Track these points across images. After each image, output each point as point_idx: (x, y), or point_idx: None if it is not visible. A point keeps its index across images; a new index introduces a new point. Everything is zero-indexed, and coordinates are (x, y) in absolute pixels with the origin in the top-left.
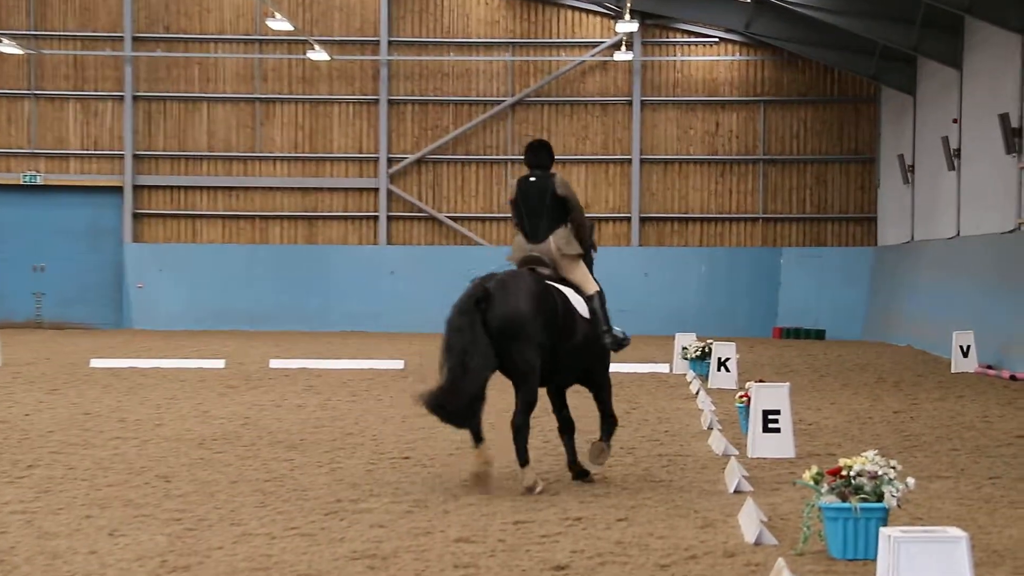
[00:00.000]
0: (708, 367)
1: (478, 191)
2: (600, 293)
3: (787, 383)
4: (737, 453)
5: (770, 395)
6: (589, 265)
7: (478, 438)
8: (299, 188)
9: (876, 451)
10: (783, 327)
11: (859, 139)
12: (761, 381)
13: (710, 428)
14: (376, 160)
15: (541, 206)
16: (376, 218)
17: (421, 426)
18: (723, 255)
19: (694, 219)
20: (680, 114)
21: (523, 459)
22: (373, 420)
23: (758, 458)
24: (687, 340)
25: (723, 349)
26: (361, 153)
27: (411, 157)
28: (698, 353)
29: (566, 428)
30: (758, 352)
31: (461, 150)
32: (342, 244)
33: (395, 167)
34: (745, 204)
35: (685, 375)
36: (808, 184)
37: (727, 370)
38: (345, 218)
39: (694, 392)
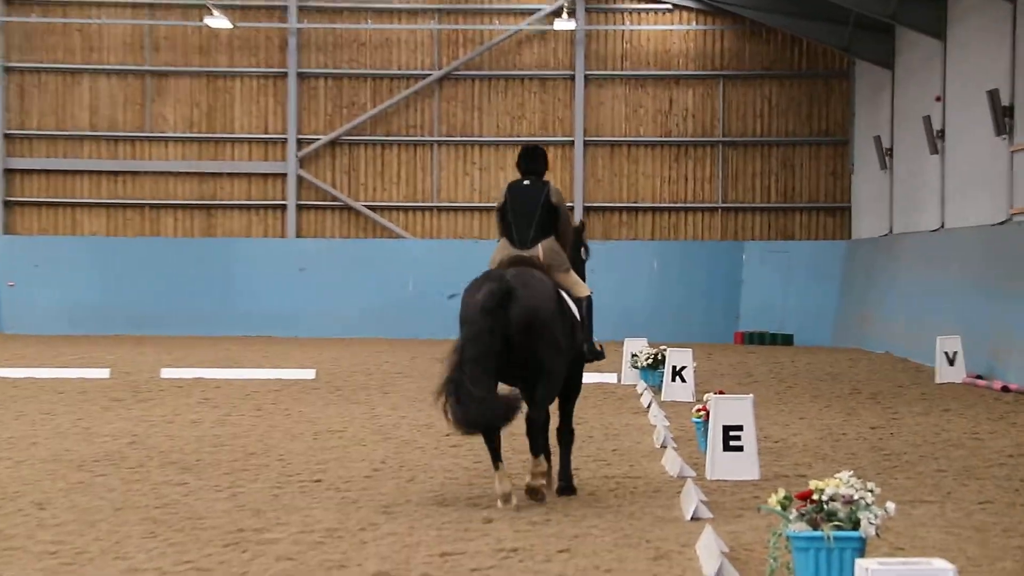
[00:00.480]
0: (661, 377)
1: (400, 177)
2: (589, 298)
3: (750, 395)
4: (695, 475)
5: (731, 409)
6: (581, 270)
7: (499, 457)
8: (195, 173)
9: (851, 472)
10: (745, 331)
11: (830, 119)
12: (721, 393)
13: (664, 446)
14: (284, 142)
15: (532, 213)
16: (284, 207)
17: (335, 445)
18: (677, 250)
19: (644, 209)
20: (629, 90)
21: (538, 450)
22: (280, 438)
23: (718, 480)
24: (637, 346)
25: (678, 356)
26: (266, 133)
27: (323, 138)
28: (649, 361)
29: (563, 438)
30: (717, 360)
31: (381, 130)
32: (245, 237)
33: (305, 149)
34: (702, 192)
35: (635, 386)
36: (773, 170)
37: (683, 380)
38: (248, 207)
39: (645, 405)
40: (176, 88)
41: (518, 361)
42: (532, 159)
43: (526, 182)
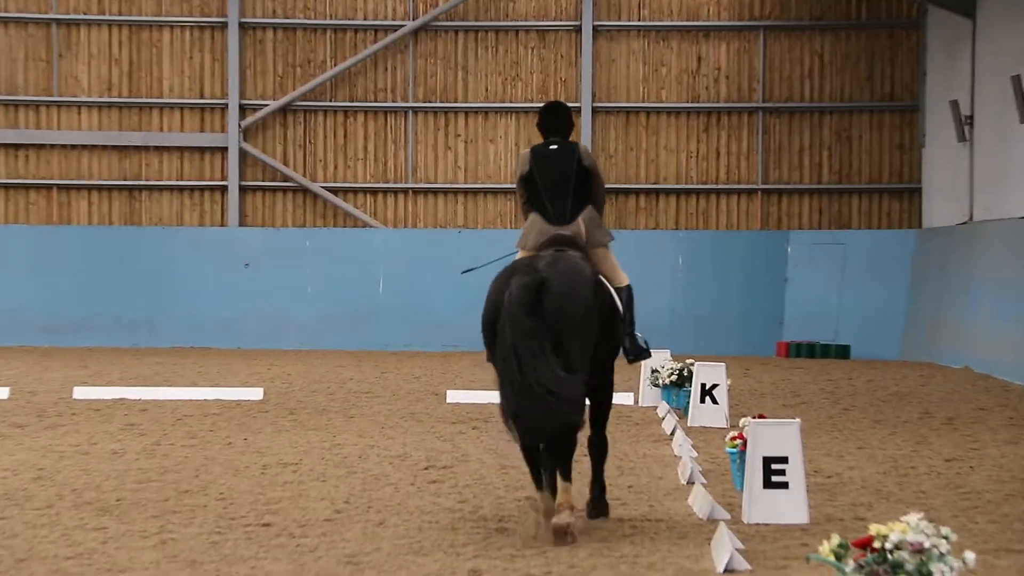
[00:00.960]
0: (688, 397)
1: (367, 152)
2: (629, 288)
3: (797, 420)
4: (729, 517)
5: (774, 436)
6: None
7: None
8: (114, 147)
9: (921, 515)
10: (791, 342)
11: (896, 79)
12: (761, 417)
13: (691, 482)
14: (223, 108)
15: (566, 180)
16: (224, 189)
17: (288, 480)
18: (707, 242)
19: (667, 191)
20: (648, 45)
21: (567, 472)
22: (220, 472)
23: (758, 524)
24: (659, 360)
25: (708, 372)
26: (202, 98)
27: (272, 104)
28: (673, 378)
29: (595, 448)
30: (757, 376)
31: (343, 94)
32: (176, 225)
33: (250, 118)
34: (738, 170)
35: (655, 408)
36: (825, 142)
37: (714, 401)
38: (180, 189)
39: (668, 432)
40: (90, 42)
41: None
42: (556, 116)
43: (552, 146)
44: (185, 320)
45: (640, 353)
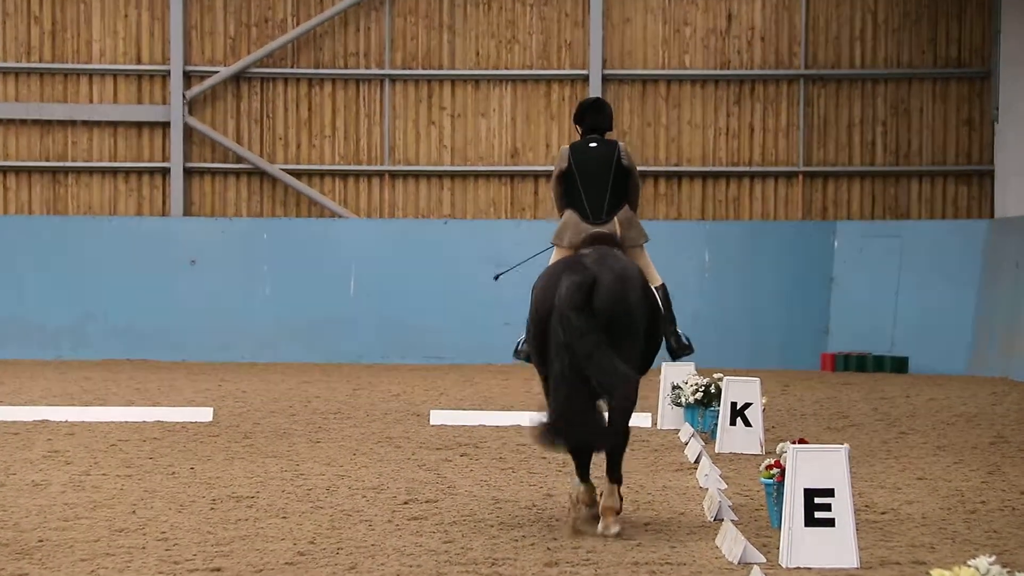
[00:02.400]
0: (715, 419)
1: (335, 128)
2: (665, 287)
3: (845, 445)
4: (764, 560)
5: (818, 465)
6: None
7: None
8: (35, 121)
9: (992, 558)
10: (838, 353)
11: (964, 41)
12: (803, 442)
13: (719, 519)
14: (165, 76)
15: (605, 179)
16: (165, 172)
17: (242, 517)
18: (738, 234)
19: (691, 175)
20: (669, 1)
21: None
22: (162, 507)
23: (798, 568)
24: (681, 374)
25: (740, 389)
26: (139, 64)
27: (223, 71)
28: (699, 395)
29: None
30: (797, 394)
31: (307, 60)
32: (108, 215)
33: (196, 88)
34: (775, 150)
35: (677, 432)
36: (879, 116)
37: (747, 423)
38: (113, 171)
39: (692, 460)
40: None
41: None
42: (599, 113)
43: (592, 144)
44: (119, 328)
45: (684, 348)
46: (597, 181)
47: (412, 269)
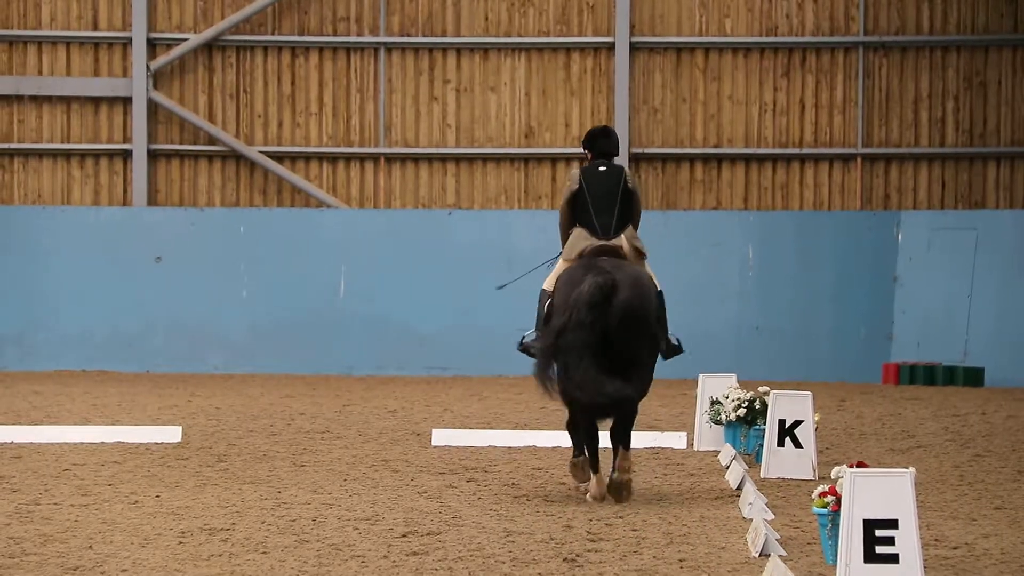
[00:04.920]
0: (760, 439)
1: (323, 104)
2: (661, 293)
3: (910, 470)
4: None
5: (879, 492)
6: None
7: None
8: None
9: None
10: (903, 363)
11: None
12: (862, 466)
13: (765, 554)
14: (125, 44)
15: (612, 200)
16: (127, 155)
17: (215, 552)
18: (787, 226)
19: (733, 158)
20: None
21: (628, 442)
22: (123, 541)
23: None
24: (720, 387)
25: (789, 405)
26: (96, 30)
27: (193, 39)
28: (741, 412)
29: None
30: (856, 410)
31: (289, 26)
32: (60, 204)
33: (163, 58)
34: (829, 129)
35: (717, 454)
36: (950, 90)
37: (797, 444)
38: (67, 154)
39: (734, 486)
40: None
41: (615, 355)
42: (609, 139)
43: (602, 168)
44: (72, 335)
45: (675, 350)
46: (606, 202)
47: (411, 267)
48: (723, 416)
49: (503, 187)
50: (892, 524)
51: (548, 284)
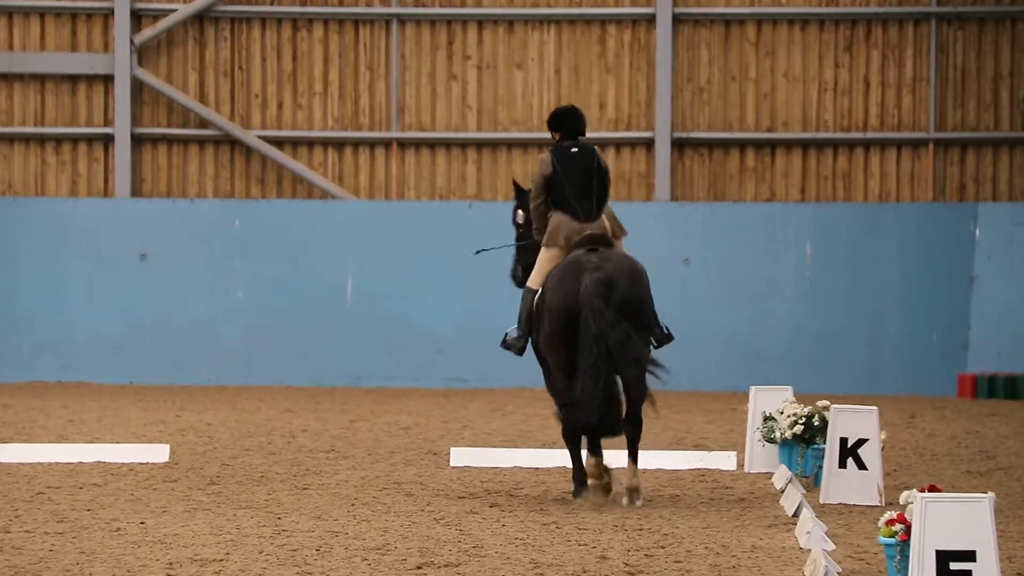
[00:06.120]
0: (819, 459)
1: (328, 82)
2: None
3: (989, 494)
4: None
5: (955, 519)
6: None
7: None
8: None
9: None
10: (980, 374)
11: None
12: (934, 490)
13: None
14: (106, 15)
15: (589, 181)
16: (108, 140)
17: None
18: (849, 220)
19: (789, 143)
20: None
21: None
22: (103, 572)
23: None
24: (774, 401)
25: (852, 421)
26: (74, 0)
27: (182, 8)
28: (798, 429)
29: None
30: (927, 427)
31: None
32: (33, 195)
33: (148, 30)
34: (898, 111)
35: (770, 476)
36: None
37: (861, 466)
38: (40, 139)
39: (790, 512)
40: None
41: (620, 354)
42: (575, 119)
43: (574, 149)
44: (47, 341)
45: (666, 337)
46: (583, 184)
47: (427, 266)
48: (777, 434)
49: (529, 175)
50: (969, 556)
51: (533, 283)
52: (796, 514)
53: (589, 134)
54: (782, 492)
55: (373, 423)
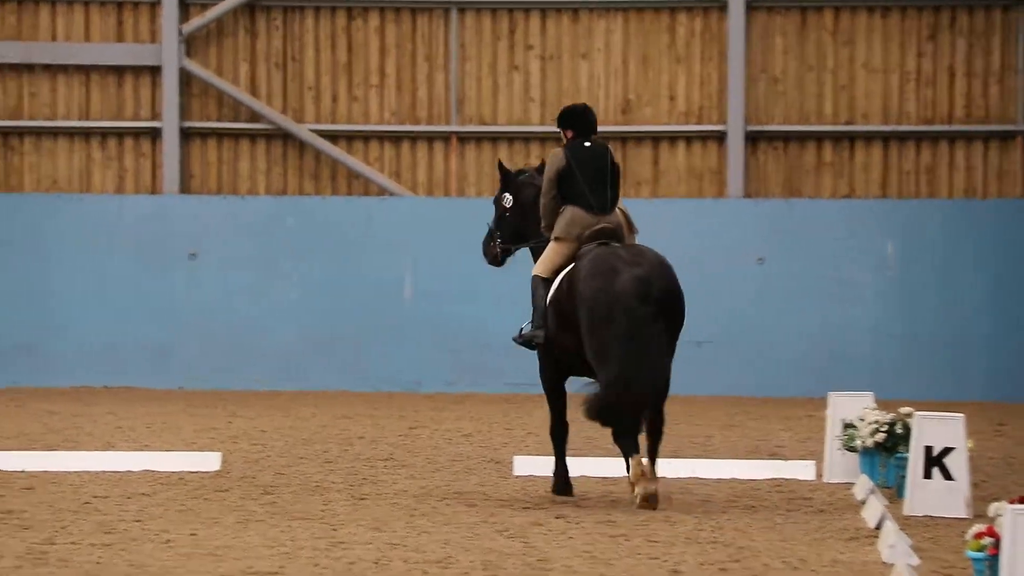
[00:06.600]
0: (903, 468)
1: (384, 75)
2: None
3: None
4: None
5: None
6: None
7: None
8: None
9: None
10: None
11: None
12: None
13: None
14: (154, 3)
15: (604, 177)
16: (155, 134)
17: None
18: (934, 218)
19: (869, 136)
20: None
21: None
22: None
23: None
24: (855, 408)
25: (937, 429)
26: None
27: None
28: (880, 437)
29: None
30: (1017, 435)
31: None
32: (78, 192)
33: (197, 19)
34: (985, 102)
35: (851, 487)
36: None
37: (947, 476)
38: (85, 133)
39: (872, 524)
40: None
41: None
42: (587, 118)
43: (587, 144)
44: (93, 345)
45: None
46: (598, 177)
47: (488, 265)
48: (858, 442)
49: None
50: None
51: (542, 271)
52: (878, 527)
53: (658, 127)
54: (863, 503)
55: (433, 430)
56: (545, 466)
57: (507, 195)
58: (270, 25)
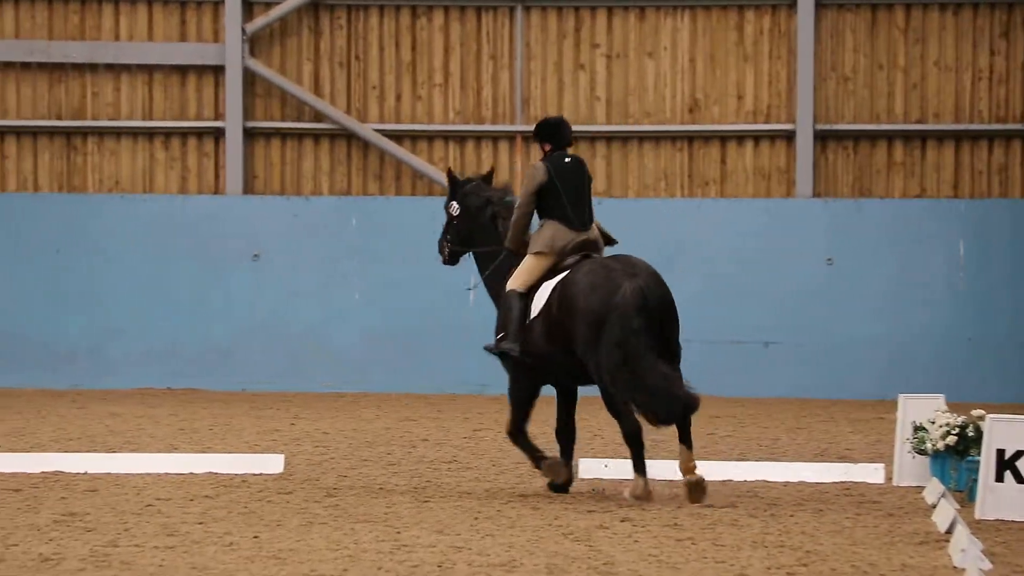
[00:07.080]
0: (974, 472)
1: (448, 73)
2: None
3: None
4: None
5: None
6: None
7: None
8: (42, 65)
9: None
10: None
11: None
12: None
13: None
14: (217, 2)
15: (583, 192)
16: (218, 134)
17: None
18: (1009, 217)
19: (940, 135)
20: None
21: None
22: None
23: None
24: (926, 410)
25: (1010, 432)
26: None
27: None
28: (951, 440)
29: (571, 438)
30: None
31: None
32: (140, 193)
33: (261, 18)
34: None
35: (921, 490)
36: None
37: (1019, 480)
38: (148, 133)
39: (943, 528)
40: None
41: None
42: (566, 130)
43: (567, 159)
44: (155, 347)
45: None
46: (578, 192)
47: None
48: (928, 445)
49: (663, 171)
50: None
51: (518, 284)
52: (950, 531)
53: (726, 126)
54: (934, 507)
55: (497, 432)
56: (610, 468)
57: (454, 203)
58: (334, 24)
